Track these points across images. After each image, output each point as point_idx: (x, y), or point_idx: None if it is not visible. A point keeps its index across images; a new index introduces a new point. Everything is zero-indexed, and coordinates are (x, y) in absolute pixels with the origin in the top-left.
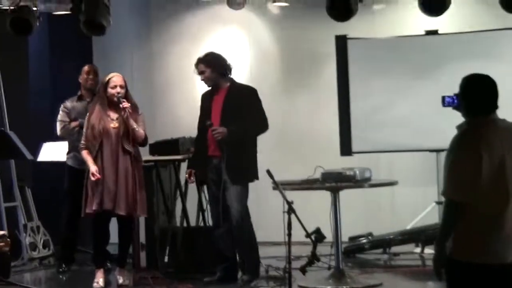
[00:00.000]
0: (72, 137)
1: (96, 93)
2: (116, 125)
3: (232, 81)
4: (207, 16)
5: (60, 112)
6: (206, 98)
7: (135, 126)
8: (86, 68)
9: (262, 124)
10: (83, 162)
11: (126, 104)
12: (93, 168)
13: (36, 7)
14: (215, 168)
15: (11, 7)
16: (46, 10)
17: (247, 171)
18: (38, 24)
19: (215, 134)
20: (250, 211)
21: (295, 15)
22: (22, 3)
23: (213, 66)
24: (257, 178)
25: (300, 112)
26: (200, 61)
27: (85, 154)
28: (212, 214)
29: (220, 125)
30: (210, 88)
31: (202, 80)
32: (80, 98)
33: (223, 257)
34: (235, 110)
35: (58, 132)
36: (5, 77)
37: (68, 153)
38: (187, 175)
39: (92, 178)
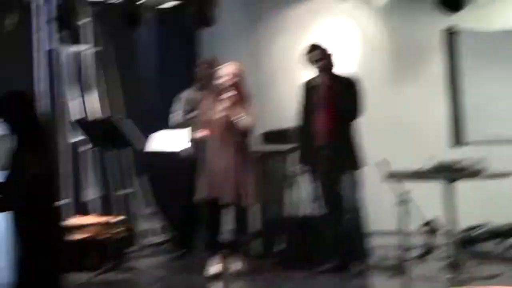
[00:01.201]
0: (188, 127)
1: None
2: (223, 114)
3: (334, 72)
4: (312, 8)
5: (177, 102)
6: (309, 87)
7: (236, 117)
8: (202, 59)
9: (355, 110)
10: (198, 151)
11: (225, 95)
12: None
13: None
14: (324, 157)
15: (119, 0)
16: (154, 3)
17: (354, 157)
18: (147, 16)
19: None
20: (364, 200)
21: (402, 6)
22: None
23: (329, 56)
24: (363, 165)
25: (409, 104)
26: (317, 48)
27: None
28: (323, 203)
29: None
30: (312, 77)
31: (317, 67)
32: (198, 89)
33: (336, 246)
34: (339, 95)
35: (174, 122)
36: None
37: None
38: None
39: (199, 135)
